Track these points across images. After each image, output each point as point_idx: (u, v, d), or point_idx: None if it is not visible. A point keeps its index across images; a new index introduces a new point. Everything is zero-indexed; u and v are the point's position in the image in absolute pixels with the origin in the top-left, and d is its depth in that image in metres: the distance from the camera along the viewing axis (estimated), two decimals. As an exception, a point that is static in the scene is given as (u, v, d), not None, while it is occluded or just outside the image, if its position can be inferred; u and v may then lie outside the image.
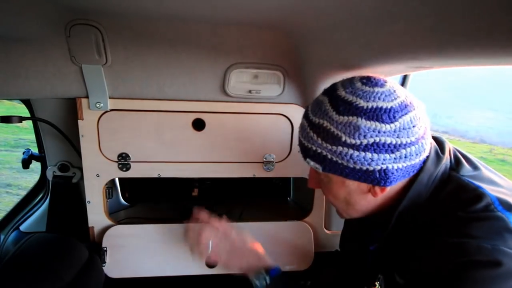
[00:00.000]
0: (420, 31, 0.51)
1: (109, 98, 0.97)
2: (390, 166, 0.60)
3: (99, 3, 0.73)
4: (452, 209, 0.61)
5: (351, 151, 0.60)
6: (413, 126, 0.60)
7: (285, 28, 0.82)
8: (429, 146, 0.64)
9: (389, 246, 0.72)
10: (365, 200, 0.68)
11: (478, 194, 0.60)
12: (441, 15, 0.44)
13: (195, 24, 0.83)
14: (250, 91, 0.99)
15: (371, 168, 0.60)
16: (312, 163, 0.66)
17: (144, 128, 1.01)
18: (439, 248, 0.58)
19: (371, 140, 0.59)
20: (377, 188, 0.64)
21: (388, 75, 0.93)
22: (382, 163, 0.60)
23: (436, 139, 0.71)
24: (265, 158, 1.10)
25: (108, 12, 0.78)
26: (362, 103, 0.60)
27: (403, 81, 1.21)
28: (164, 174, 1.06)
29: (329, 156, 0.62)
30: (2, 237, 1.19)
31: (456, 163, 0.68)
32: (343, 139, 0.60)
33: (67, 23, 0.80)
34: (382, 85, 0.62)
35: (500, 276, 0.52)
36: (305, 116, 0.68)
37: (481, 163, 0.71)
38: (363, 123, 0.59)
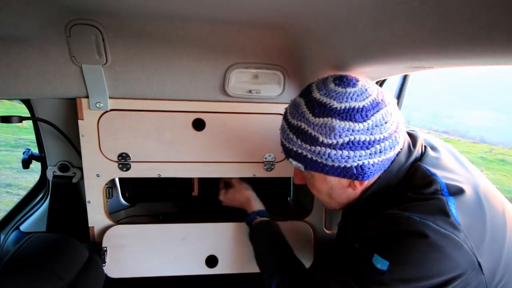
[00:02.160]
0: (420, 31, 0.51)
1: (109, 98, 0.97)
2: (366, 162, 0.65)
3: (100, 3, 0.73)
4: (405, 191, 0.68)
5: (328, 150, 0.65)
6: (385, 123, 0.65)
7: (285, 28, 0.82)
8: (402, 139, 0.69)
9: (354, 223, 0.79)
10: (345, 193, 0.75)
11: (430, 181, 0.66)
12: (441, 15, 0.44)
13: (195, 24, 0.83)
14: (250, 91, 0.99)
15: (349, 165, 0.66)
16: (294, 162, 0.71)
17: (144, 128, 1.01)
18: (380, 218, 0.66)
19: (346, 139, 0.64)
20: (356, 182, 0.70)
21: (388, 75, 0.94)
22: (359, 160, 0.65)
23: (410, 135, 0.77)
24: (265, 158, 1.10)
25: (108, 12, 0.78)
26: (336, 104, 0.64)
27: (403, 81, 1.21)
28: (164, 174, 1.06)
29: (309, 156, 0.68)
30: (2, 237, 1.19)
31: (422, 154, 0.74)
32: (320, 139, 0.65)
33: (67, 23, 0.80)
34: (354, 85, 0.66)
35: (424, 246, 0.59)
36: (285, 118, 0.73)
37: (453, 152, 0.79)
38: (337, 123, 0.63)
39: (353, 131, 0.63)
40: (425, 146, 0.76)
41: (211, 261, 1.14)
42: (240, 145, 1.07)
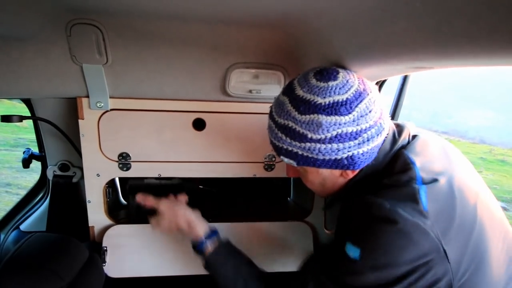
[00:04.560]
0: (420, 31, 0.51)
1: (110, 97, 0.97)
2: (355, 152, 0.67)
3: (100, 3, 0.73)
4: (382, 177, 0.70)
5: (318, 145, 0.66)
6: (370, 111, 0.66)
7: (285, 28, 0.82)
8: (388, 123, 0.71)
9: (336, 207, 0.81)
10: (338, 182, 0.76)
11: (407, 168, 0.68)
12: (441, 15, 0.44)
13: (195, 24, 0.83)
14: (250, 91, 0.99)
15: (339, 157, 0.67)
16: (286, 159, 0.72)
17: (144, 127, 1.01)
18: (355, 204, 0.69)
19: (334, 133, 0.65)
20: (348, 172, 0.72)
21: (388, 75, 0.94)
22: (348, 151, 0.66)
23: (397, 125, 0.78)
24: (265, 158, 1.10)
25: (109, 11, 0.78)
26: (320, 100, 0.65)
27: (403, 81, 1.21)
28: (165, 174, 1.06)
29: (300, 152, 0.68)
30: (2, 236, 1.19)
31: (408, 142, 0.75)
32: (309, 136, 0.66)
33: (68, 22, 0.80)
34: (335, 78, 0.67)
35: (393, 233, 0.61)
36: (271, 118, 0.73)
37: (443, 144, 0.80)
38: (324, 119, 0.64)
39: (339, 124, 0.64)
40: (413, 136, 0.77)
41: None
42: (240, 145, 1.07)
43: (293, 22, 0.77)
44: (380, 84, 1.11)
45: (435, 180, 0.67)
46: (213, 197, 1.40)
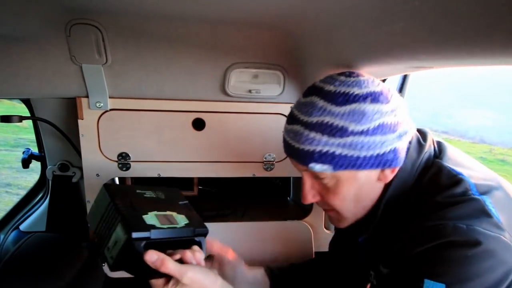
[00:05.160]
0: (420, 31, 0.51)
1: (109, 97, 0.97)
2: (396, 146, 0.61)
3: (100, 3, 0.73)
4: (431, 194, 0.62)
5: (361, 138, 0.59)
6: (402, 103, 0.63)
7: (285, 27, 0.82)
8: (411, 125, 0.66)
9: (377, 235, 0.72)
10: (373, 191, 0.67)
11: (457, 180, 0.61)
12: (441, 15, 0.44)
13: (195, 24, 0.83)
14: (250, 91, 0.99)
15: (382, 151, 0.60)
16: (318, 166, 0.62)
17: (144, 127, 1.01)
18: (417, 232, 0.59)
19: (377, 123, 0.59)
20: (387, 172, 0.64)
21: (388, 75, 0.94)
22: (390, 144, 0.60)
23: (419, 130, 0.72)
24: (265, 158, 1.10)
25: (108, 11, 0.78)
26: (357, 90, 0.60)
27: (403, 81, 1.21)
28: (164, 174, 1.06)
29: (338, 152, 0.60)
30: (2, 236, 1.19)
31: (439, 151, 0.69)
32: (350, 128, 0.59)
33: (67, 22, 0.80)
34: (359, 75, 0.64)
35: (477, 256, 0.53)
36: (294, 121, 0.65)
37: (459, 150, 0.74)
38: (366, 107, 0.59)
39: (381, 113, 0.59)
40: (438, 142, 0.72)
41: None
42: (240, 145, 1.07)
43: (292, 22, 0.76)
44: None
45: (490, 189, 0.61)
46: (212, 197, 1.40)
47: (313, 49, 0.86)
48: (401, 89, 1.21)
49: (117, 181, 1.28)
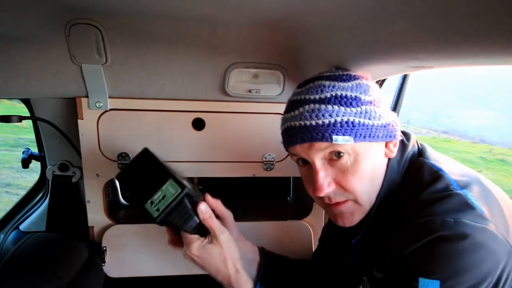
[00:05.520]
0: (420, 30, 0.51)
1: (109, 97, 0.97)
2: (394, 119, 0.69)
3: (99, 3, 0.73)
4: (416, 192, 0.64)
5: (372, 107, 0.65)
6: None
7: (285, 27, 0.82)
8: None
9: (370, 236, 0.73)
10: (382, 169, 0.70)
11: (437, 176, 0.64)
12: (441, 15, 0.44)
13: (195, 23, 0.83)
14: (250, 91, 0.99)
15: (388, 122, 0.67)
16: (340, 138, 0.62)
17: (144, 127, 1.01)
18: (406, 231, 0.60)
19: (378, 97, 0.67)
20: (391, 145, 0.69)
21: (388, 75, 0.94)
22: (391, 116, 0.68)
23: (403, 132, 0.76)
24: (265, 158, 1.10)
25: (108, 11, 0.78)
26: (353, 73, 0.70)
27: (403, 81, 1.21)
28: None
29: (357, 120, 0.63)
30: (2, 236, 1.19)
31: (422, 149, 0.74)
32: (363, 98, 0.65)
33: (67, 22, 0.80)
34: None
35: (467, 249, 0.53)
36: (304, 103, 0.66)
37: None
38: (368, 82, 0.68)
39: (378, 90, 0.69)
40: (421, 143, 0.75)
41: None
42: (240, 145, 1.07)
43: (292, 22, 0.76)
44: (380, 84, 1.11)
45: (470, 183, 0.63)
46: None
47: (313, 49, 0.86)
48: (401, 89, 1.21)
49: (117, 181, 1.28)
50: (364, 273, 0.72)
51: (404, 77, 1.20)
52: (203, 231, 0.75)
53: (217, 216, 0.80)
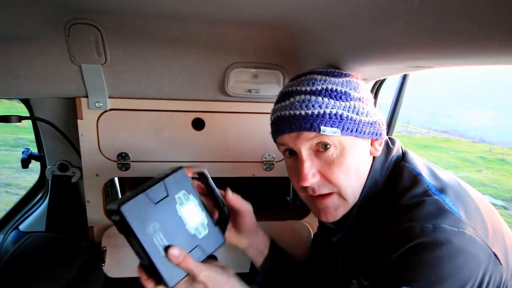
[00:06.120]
0: (419, 30, 0.51)
1: (109, 97, 0.96)
2: (381, 118, 0.71)
3: (99, 3, 0.73)
4: (395, 196, 0.65)
5: (360, 104, 0.66)
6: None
7: (284, 27, 0.82)
8: None
9: (350, 235, 0.75)
10: (366, 165, 0.71)
11: (416, 180, 0.66)
12: (441, 15, 0.44)
13: (194, 23, 0.83)
14: (249, 91, 0.99)
15: (375, 120, 0.69)
16: (328, 129, 0.63)
17: (143, 127, 1.01)
18: (387, 237, 0.61)
19: (367, 95, 0.69)
20: (376, 144, 0.71)
21: (388, 75, 0.94)
22: (378, 116, 0.70)
23: (390, 138, 0.79)
24: (265, 158, 1.10)
25: (108, 11, 0.78)
26: (344, 71, 0.71)
27: (403, 81, 1.21)
28: None
29: (346, 114, 0.65)
30: (2, 236, 1.19)
31: (405, 153, 0.75)
32: (352, 94, 0.66)
33: (67, 22, 0.80)
34: None
35: (448, 255, 0.54)
36: (296, 94, 0.67)
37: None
38: (358, 81, 0.69)
39: (368, 90, 0.71)
40: (404, 149, 0.77)
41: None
42: (240, 145, 1.07)
43: (292, 21, 0.76)
44: (380, 84, 1.11)
45: (447, 186, 0.64)
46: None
47: (312, 49, 0.86)
48: (401, 89, 1.21)
49: (116, 181, 1.28)
50: (353, 277, 0.73)
51: (404, 77, 1.20)
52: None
53: (235, 210, 0.85)
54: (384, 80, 1.10)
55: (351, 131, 0.65)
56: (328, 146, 0.66)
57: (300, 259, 1.01)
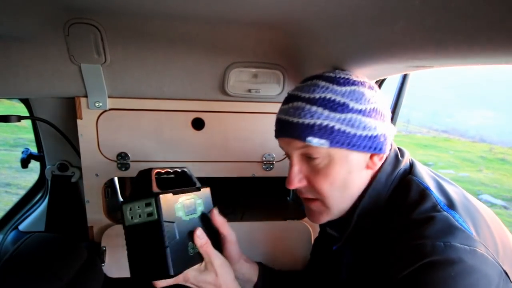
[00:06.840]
0: (420, 30, 0.51)
1: (108, 97, 0.96)
2: (385, 132, 0.66)
3: (98, 2, 0.73)
4: (403, 210, 0.63)
5: (359, 117, 0.63)
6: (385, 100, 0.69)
7: (284, 27, 0.82)
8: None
9: (350, 245, 0.73)
10: (360, 180, 0.68)
11: (424, 195, 0.63)
12: (441, 15, 0.44)
13: (194, 23, 0.83)
14: (249, 90, 0.99)
15: (375, 134, 0.64)
16: (315, 140, 0.62)
17: (143, 127, 1.01)
18: (398, 253, 0.59)
19: (373, 106, 0.64)
20: (375, 158, 0.67)
21: (388, 75, 0.94)
22: (381, 129, 0.65)
23: (399, 148, 0.75)
24: (265, 158, 1.10)
25: (107, 11, 0.78)
26: (356, 78, 0.67)
27: (403, 81, 1.21)
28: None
29: (337, 127, 0.62)
30: (1, 236, 1.19)
31: (412, 165, 0.72)
32: (351, 105, 0.63)
33: (66, 22, 0.80)
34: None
35: (459, 275, 0.53)
36: (294, 100, 0.66)
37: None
38: (365, 90, 0.65)
39: (376, 100, 0.65)
40: (412, 160, 0.75)
41: None
42: (240, 145, 1.07)
43: (292, 21, 0.76)
44: (380, 83, 1.10)
45: (455, 201, 0.63)
46: (212, 197, 1.40)
47: (312, 48, 0.86)
48: (401, 89, 1.21)
49: (116, 181, 1.28)
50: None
51: (404, 77, 1.19)
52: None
53: (220, 236, 0.80)
54: (384, 79, 1.10)
55: (342, 144, 0.63)
56: (316, 156, 0.65)
57: (299, 260, 1.01)
